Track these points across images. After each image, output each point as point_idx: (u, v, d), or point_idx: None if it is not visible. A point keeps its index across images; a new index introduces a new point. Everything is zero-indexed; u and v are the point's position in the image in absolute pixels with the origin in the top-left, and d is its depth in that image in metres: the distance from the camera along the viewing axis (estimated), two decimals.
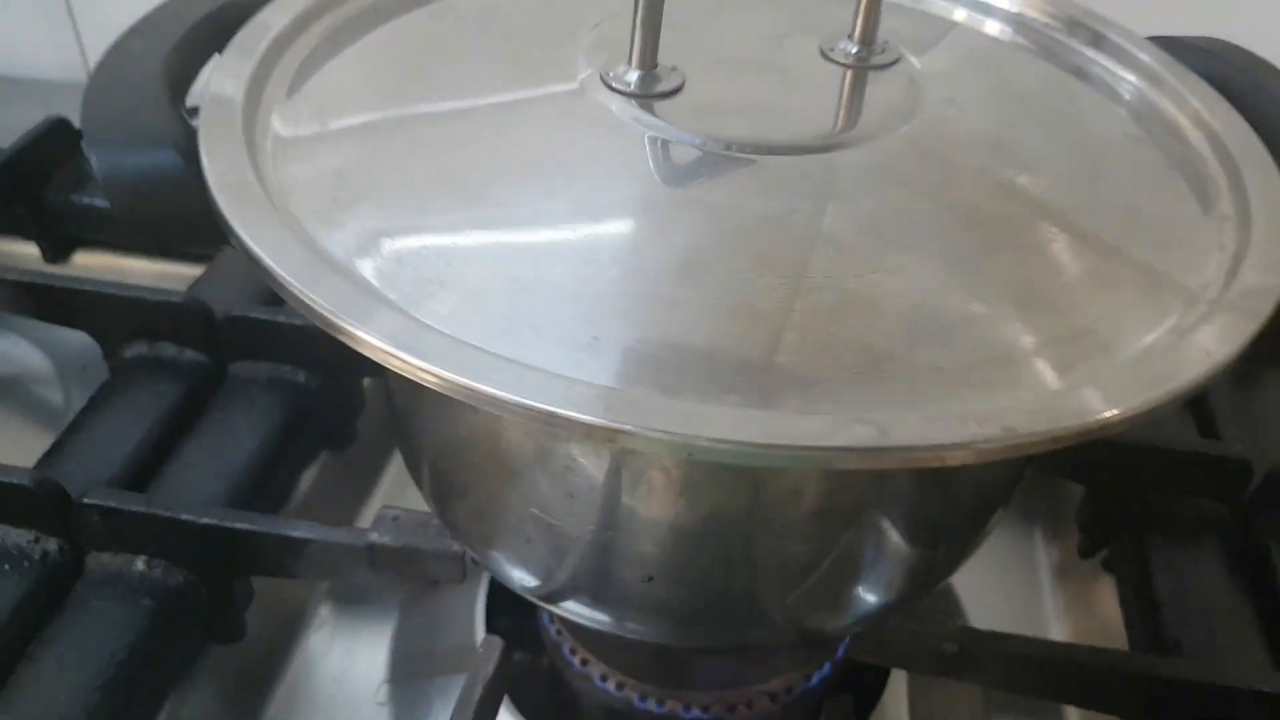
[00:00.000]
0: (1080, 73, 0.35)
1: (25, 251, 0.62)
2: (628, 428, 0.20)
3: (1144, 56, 0.34)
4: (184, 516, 0.39)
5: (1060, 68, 0.35)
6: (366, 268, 0.25)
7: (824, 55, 0.32)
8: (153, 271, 0.62)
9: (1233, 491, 0.46)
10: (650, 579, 0.29)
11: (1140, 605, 0.43)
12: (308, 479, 0.50)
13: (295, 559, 0.39)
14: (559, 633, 0.42)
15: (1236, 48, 0.36)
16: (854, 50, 0.32)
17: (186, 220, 0.27)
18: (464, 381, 0.21)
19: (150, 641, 0.38)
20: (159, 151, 0.27)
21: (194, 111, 0.29)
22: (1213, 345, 0.23)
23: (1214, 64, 0.35)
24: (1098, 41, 0.35)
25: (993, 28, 0.36)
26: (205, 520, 0.39)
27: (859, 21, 0.31)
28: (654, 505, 0.27)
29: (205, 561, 0.40)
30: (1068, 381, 0.23)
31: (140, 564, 0.40)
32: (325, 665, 0.45)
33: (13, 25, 0.73)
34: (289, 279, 0.24)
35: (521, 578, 0.33)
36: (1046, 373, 0.23)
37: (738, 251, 0.26)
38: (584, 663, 0.42)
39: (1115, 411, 0.21)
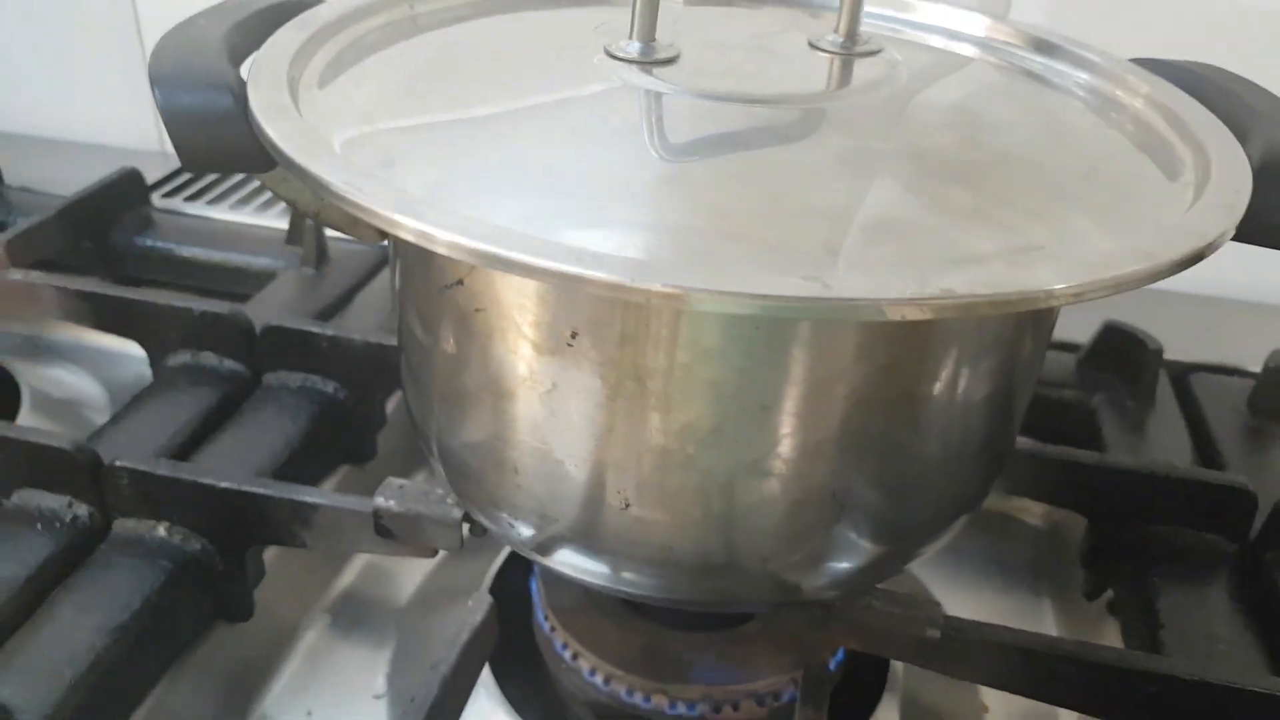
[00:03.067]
0: (1040, 78, 0.38)
1: None
2: (614, 278, 0.22)
3: (1096, 59, 0.37)
4: (205, 480, 0.41)
5: (1021, 73, 0.38)
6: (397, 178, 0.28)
7: (811, 45, 0.35)
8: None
9: (1238, 525, 0.46)
10: (628, 505, 0.31)
11: (1140, 635, 0.43)
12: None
13: (305, 526, 0.41)
14: (552, 629, 0.43)
15: (1211, 66, 0.38)
16: (839, 41, 0.35)
17: (234, 149, 0.30)
18: (497, 251, 0.23)
19: (163, 598, 0.40)
20: (213, 91, 0.31)
21: None
22: (1158, 251, 0.25)
23: (1187, 78, 0.37)
24: (1054, 52, 0.38)
25: (963, 49, 0.40)
26: (224, 484, 0.41)
27: (843, 17, 0.34)
28: (628, 419, 0.29)
29: (222, 529, 0.42)
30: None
31: (162, 529, 0.42)
32: (328, 657, 0.46)
33: (98, 100, 0.80)
34: (328, 178, 0.26)
35: (517, 525, 0.34)
36: (998, 269, 0.25)
37: (716, 172, 0.28)
38: (574, 656, 0.42)
39: (1062, 285, 0.23)
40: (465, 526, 0.39)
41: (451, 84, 0.34)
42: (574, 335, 0.28)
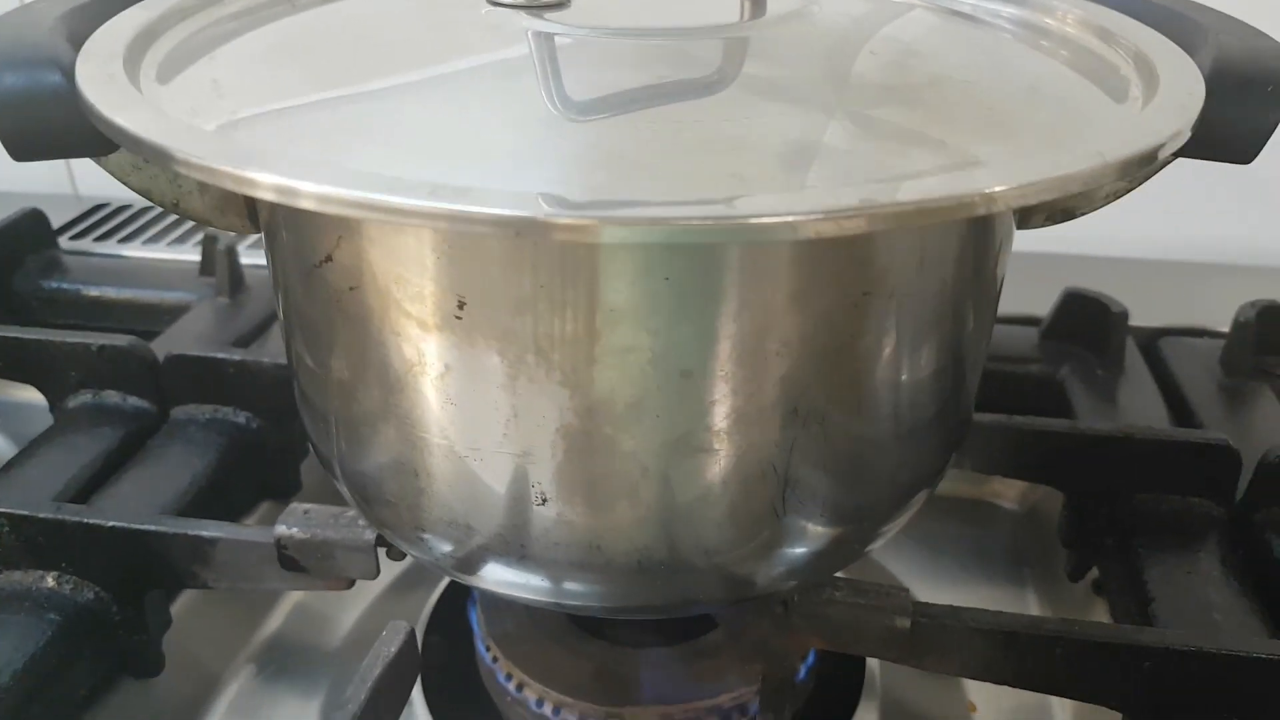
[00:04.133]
0: (964, 15, 0.35)
1: None
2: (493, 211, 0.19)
3: None
4: (91, 521, 0.37)
5: (944, 11, 0.35)
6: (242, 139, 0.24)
7: None
8: None
9: (1222, 486, 0.43)
10: (544, 500, 0.27)
11: (1128, 609, 0.40)
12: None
13: (204, 564, 0.37)
14: (494, 659, 0.39)
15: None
16: None
17: (65, 131, 0.27)
18: (369, 196, 0.20)
19: (50, 656, 0.36)
20: (39, 68, 0.27)
21: None
22: (1108, 150, 0.22)
23: (1121, 2, 0.34)
24: None
25: None
26: (112, 524, 0.37)
27: None
28: (534, 399, 0.25)
29: (116, 574, 0.38)
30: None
31: (50, 580, 0.38)
32: (253, 712, 0.42)
33: None
34: (147, 136, 0.23)
35: (430, 541, 0.31)
36: (930, 182, 0.22)
37: (614, 111, 0.25)
38: (519, 686, 0.39)
39: (1000, 187, 0.20)
40: (381, 551, 0.36)
41: (321, 58, 0.31)
42: (461, 305, 0.25)
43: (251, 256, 0.62)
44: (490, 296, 0.24)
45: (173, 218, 0.72)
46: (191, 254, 0.66)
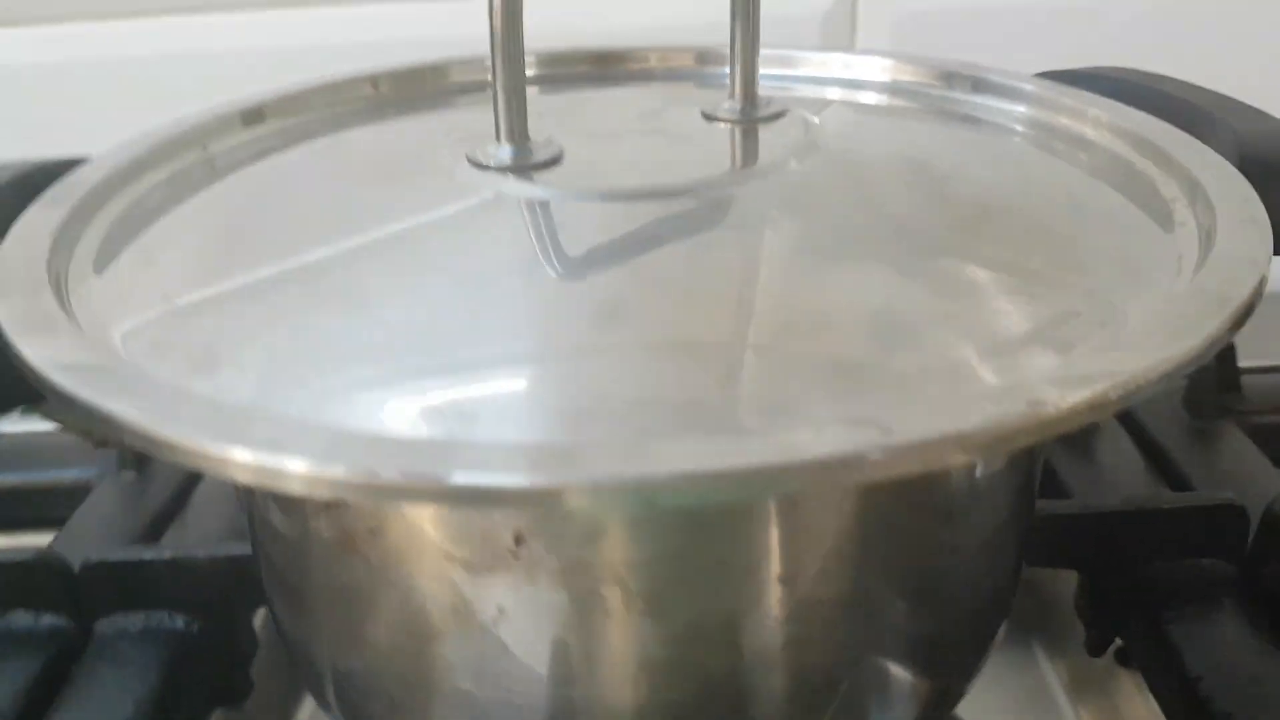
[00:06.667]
0: (969, 120, 0.33)
1: None
2: (561, 481, 0.15)
3: (1028, 88, 0.33)
4: None
5: (947, 117, 0.33)
6: (198, 381, 0.20)
7: (706, 117, 0.29)
8: (6, 544, 0.54)
9: (1234, 544, 0.42)
10: None
11: (1172, 688, 0.38)
12: None
13: None
14: None
15: (1125, 69, 0.34)
16: (738, 108, 0.29)
17: None
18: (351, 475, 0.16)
19: None
20: None
21: None
22: (1226, 290, 0.20)
23: (1104, 86, 0.33)
24: (978, 87, 0.33)
25: (869, 98, 0.34)
26: None
27: (737, 78, 0.29)
28: (613, 633, 0.22)
29: None
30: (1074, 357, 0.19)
31: None
32: None
33: None
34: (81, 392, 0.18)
35: None
36: (1047, 355, 0.19)
37: (660, 290, 0.22)
38: None
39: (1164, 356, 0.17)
40: None
41: (272, 234, 0.27)
42: (519, 541, 0.21)
43: None
44: (555, 528, 0.21)
45: None
46: None
